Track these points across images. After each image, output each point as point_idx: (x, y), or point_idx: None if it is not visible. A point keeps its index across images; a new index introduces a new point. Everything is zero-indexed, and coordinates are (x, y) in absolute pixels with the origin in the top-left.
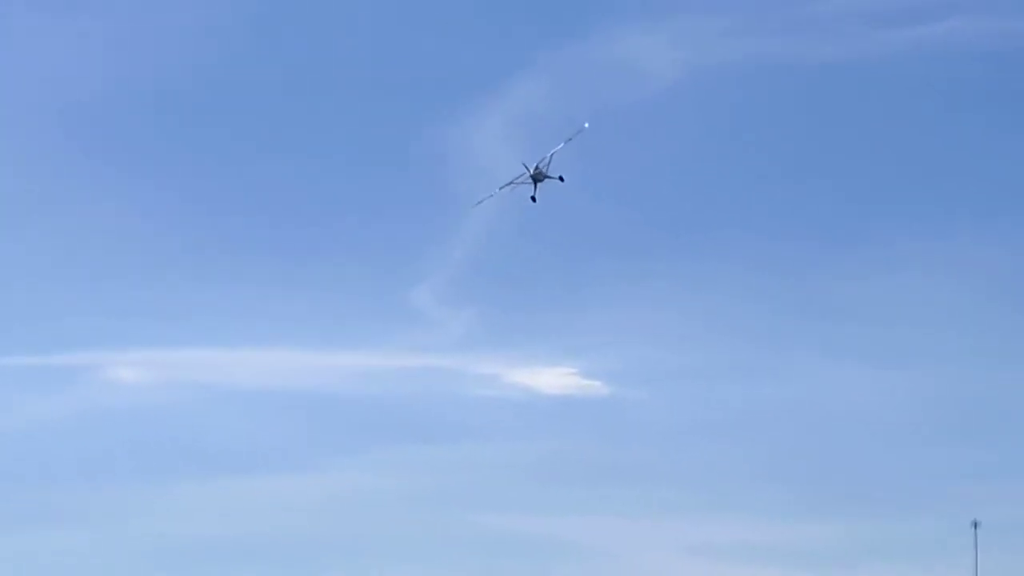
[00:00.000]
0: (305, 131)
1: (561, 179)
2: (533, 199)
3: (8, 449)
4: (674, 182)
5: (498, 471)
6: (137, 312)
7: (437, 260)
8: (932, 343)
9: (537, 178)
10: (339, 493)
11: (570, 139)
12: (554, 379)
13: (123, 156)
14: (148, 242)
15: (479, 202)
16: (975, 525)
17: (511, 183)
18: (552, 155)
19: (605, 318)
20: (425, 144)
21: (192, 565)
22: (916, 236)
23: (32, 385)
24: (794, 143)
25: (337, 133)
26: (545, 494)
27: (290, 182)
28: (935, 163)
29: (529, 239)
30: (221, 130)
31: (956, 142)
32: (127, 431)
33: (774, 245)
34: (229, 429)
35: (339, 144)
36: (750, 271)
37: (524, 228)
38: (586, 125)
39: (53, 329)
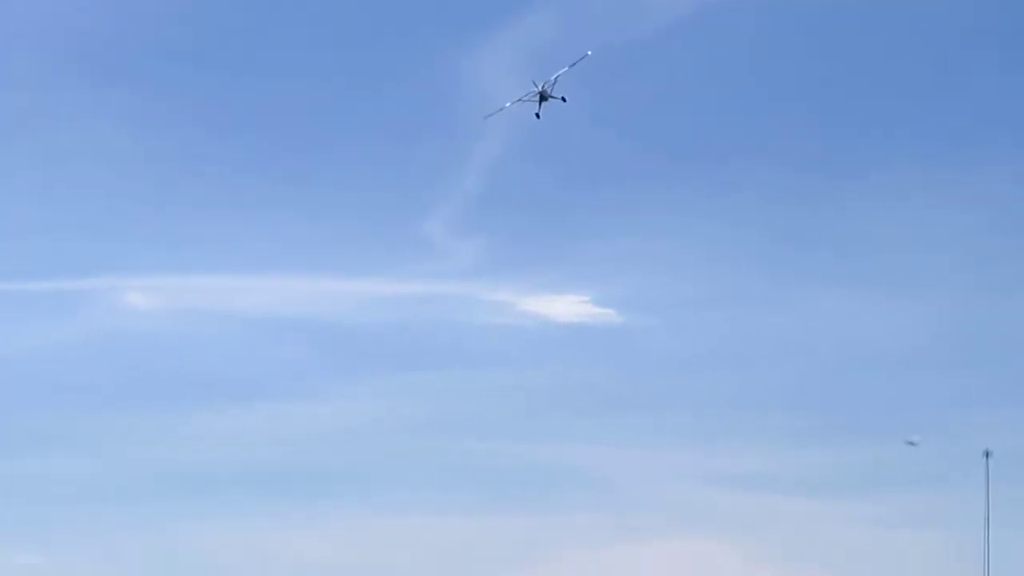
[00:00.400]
0: (318, 55)
1: (564, 99)
2: (537, 115)
3: (17, 374)
4: (683, 113)
5: (510, 399)
6: (148, 237)
7: (448, 188)
8: (940, 271)
9: (543, 96)
10: (348, 420)
11: (574, 64)
12: (566, 307)
13: (135, 78)
14: (160, 167)
15: (489, 115)
16: (987, 455)
17: (520, 99)
18: (556, 77)
19: (617, 247)
20: (436, 72)
21: (199, 491)
22: (922, 165)
23: (41, 310)
24: (800, 74)
25: (349, 58)
26: (556, 422)
27: (303, 108)
28: (941, 92)
29: (540, 168)
30: (233, 53)
31: (963, 71)
32: (136, 357)
33: (782, 175)
34: (238, 356)
35: (352, 69)
36: (760, 201)
37: (535, 157)
38: (589, 52)
39: (63, 254)
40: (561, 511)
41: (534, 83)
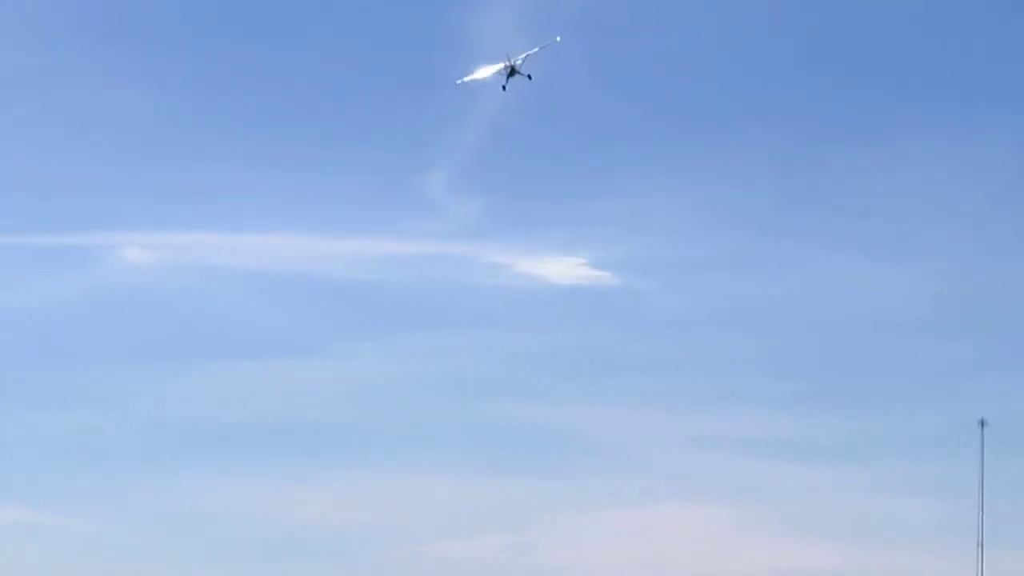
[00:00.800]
0: (318, 13)
1: (529, 77)
2: (504, 88)
3: (18, 328)
4: (689, 72)
5: (505, 360)
6: (148, 193)
7: (448, 147)
8: (941, 238)
9: (512, 71)
10: (345, 378)
11: (543, 46)
12: (564, 269)
13: (136, 33)
14: (162, 122)
15: (462, 80)
16: (982, 424)
17: (495, 72)
18: (527, 56)
19: (617, 208)
20: (437, 28)
21: (198, 448)
22: (926, 132)
23: (42, 264)
24: (808, 37)
25: (348, 13)
26: (553, 384)
27: (304, 65)
28: (947, 59)
29: (541, 128)
30: (232, 8)
31: (968, 37)
32: (138, 313)
33: (785, 138)
34: (238, 312)
35: (351, 25)
36: (761, 163)
37: (536, 117)
38: (558, 39)
39: (64, 208)
40: (556, 474)
41: (507, 56)
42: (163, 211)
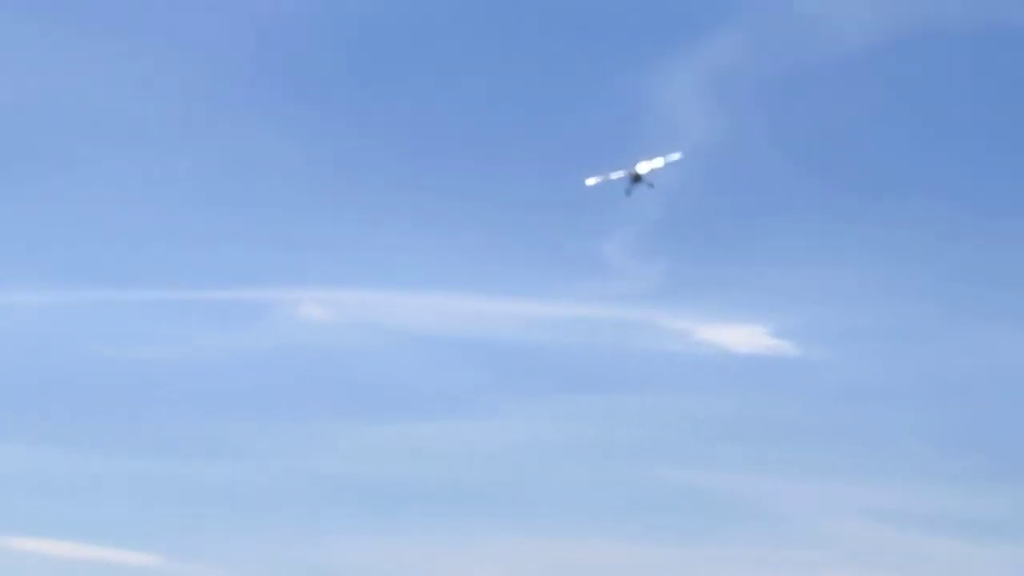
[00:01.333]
0: (494, 68)
1: (651, 186)
2: (627, 193)
3: (192, 380)
4: (866, 143)
5: (680, 425)
6: (325, 250)
7: (628, 211)
8: None
9: (636, 178)
10: (519, 441)
11: (668, 163)
12: (744, 337)
13: (309, 88)
14: (338, 180)
15: (593, 181)
16: None
17: (616, 175)
18: (652, 169)
19: (795, 277)
20: (617, 92)
21: (365, 506)
22: None
23: (220, 319)
24: (987, 110)
25: (528, 72)
26: (727, 451)
27: (490, 125)
28: None
29: (721, 194)
30: (403, 64)
31: None
32: (311, 370)
33: (959, 212)
34: (411, 372)
35: (537, 88)
36: (937, 237)
37: (715, 183)
38: (677, 155)
39: (242, 264)
40: (726, 542)
41: (634, 166)
42: (338, 268)
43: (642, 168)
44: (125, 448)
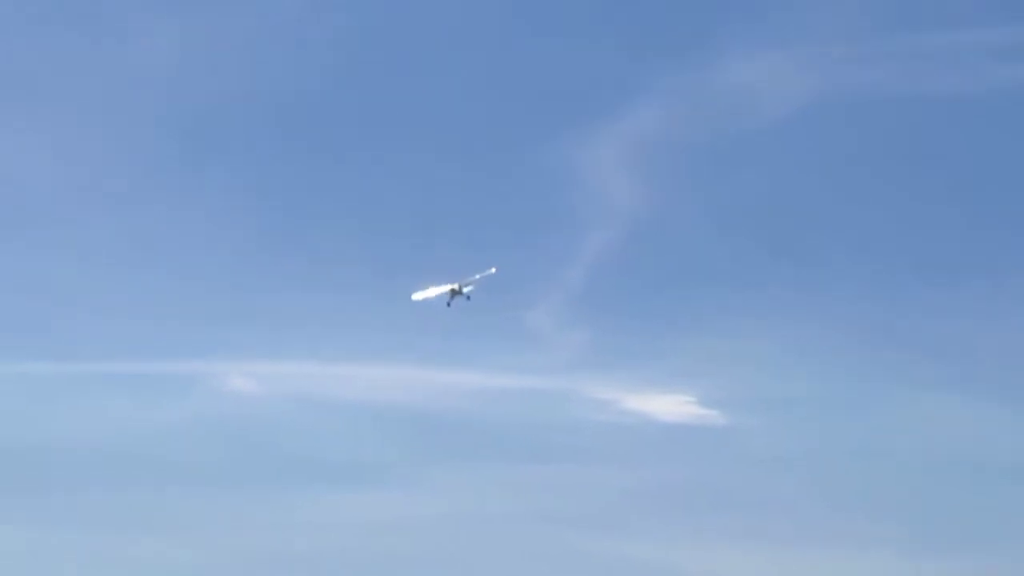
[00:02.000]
0: (423, 141)
1: (468, 298)
2: (448, 304)
3: (120, 454)
4: (786, 210)
5: (610, 495)
6: (252, 322)
7: (550, 282)
8: None
9: (456, 292)
10: (445, 510)
11: (482, 276)
12: (670, 405)
13: (236, 159)
14: (264, 250)
15: (417, 296)
16: None
17: (436, 292)
18: (470, 282)
19: (721, 345)
20: (538, 163)
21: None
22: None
23: (146, 392)
24: (908, 177)
25: (447, 144)
26: (657, 520)
27: (406, 193)
28: None
29: (643, 264)
30: (331, 136)
31: None
32: (238, 441)
33: (886, 279)
34: (339, 442)
35: (456, 158)
36: (861, 304)
37: (638, 253)
38: (494, 270)
39: (168, 336)
40: None
41: (458, 283)
42: (265, 340)
43: (461, 284)
44: (55, 521)
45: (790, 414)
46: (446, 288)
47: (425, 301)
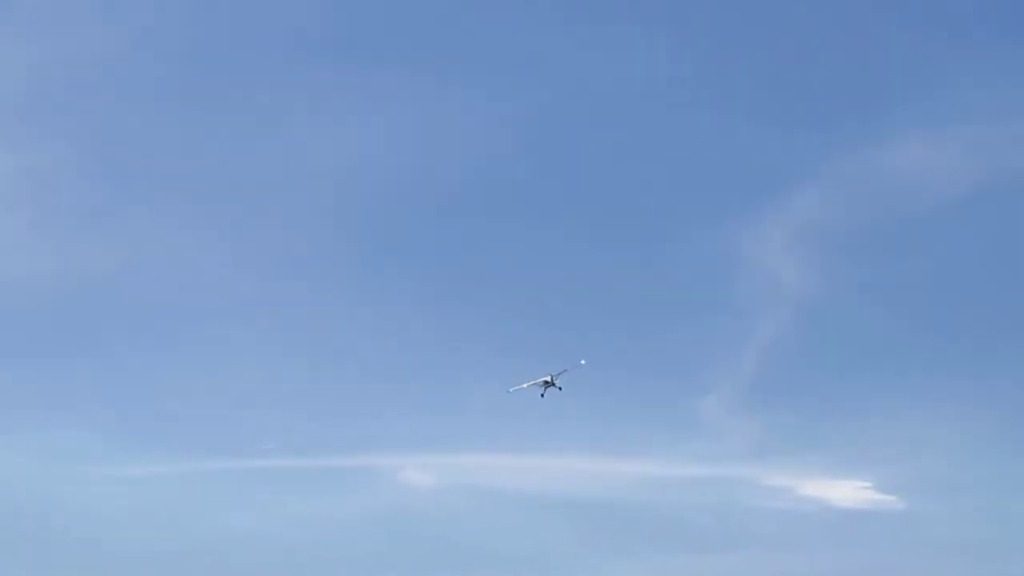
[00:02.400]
0: (585, 229)
1: (560, 388)
2: (542, 395)
3: (298, 548)
4: (955, 293)
5: None
6: (425, 415)
7: (724, 370)
8: None
9: (548, 384)
10: None
11: (575, 367)
12: (846, 491)
13: (406, 255)
14: (437, 343)
15: (513, 389)
16: None
17: (531, 383)
18: (561, 372)
19: (895, 430)
20: (705, 247)
21: None
22: None
23: (322, 486)
24: None
25: (615, 230)
26: None
27: (574, 283)
28: None
29: (814, 349)
30: (501, 225)
31: None
32: (411, 532)
33: None
34: (512, 533)
35: (618, 243)
36: None
37: (808, 338)
38: (583, 362)
39: (343, 431)
40: None
41: (550, 374)
42: (442, 433)
43: (553, 376)
44: None
45: (967, 499)
46: (540, 380)
47: (520, 391)
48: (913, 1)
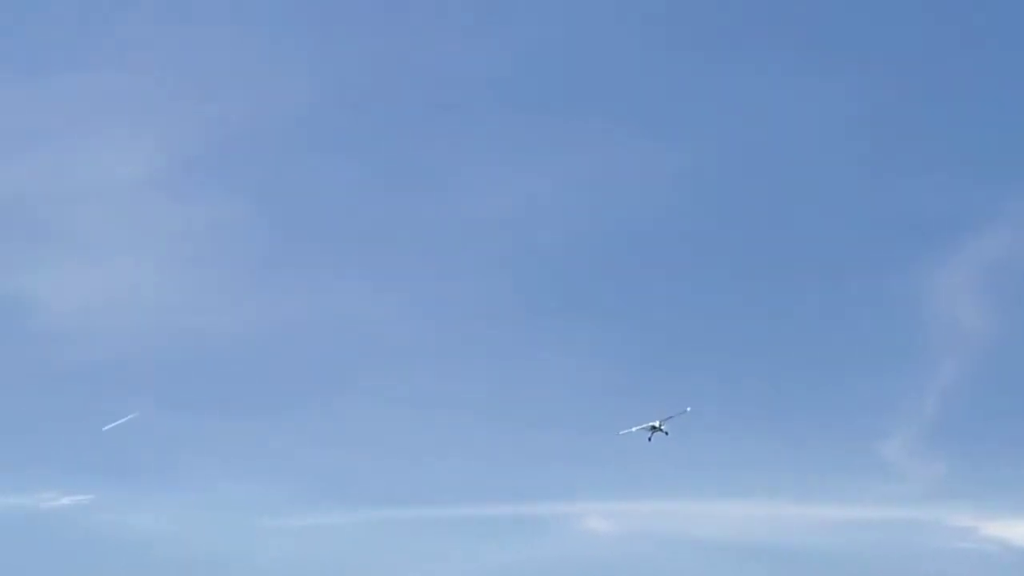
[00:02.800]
0: (769, 280)
1: (666, 433)
2: (649, 439)
3: None
4: None
5: None
6: (607, 462)
7: (906, 412)
8: None
9: (655, 428)
10: None
11: (680, 414)
12: None
13: (579, 304)
14: (621, 392)
15: (623, 432)
16: None
17: (637, 428)
18: (669, 418)
19: None
20: (887, 290)
21: None
22: None
23: (505, 534)
24: None
25: (799, 281)
26: None
27: (760, 334)
28: None
29: (996, 390)
30: (679, 274)
31: None
32: None
33: None
34: None
35: (803, 293)
36: None
37: (990, 379)
38: (688, 409)
39: (525, 479)
40: None
41: (658, 419)
42: (620, 479)
43: (661, 421)
44: None
45: None
46: (647, 425)
47: (630, 435)
48: None
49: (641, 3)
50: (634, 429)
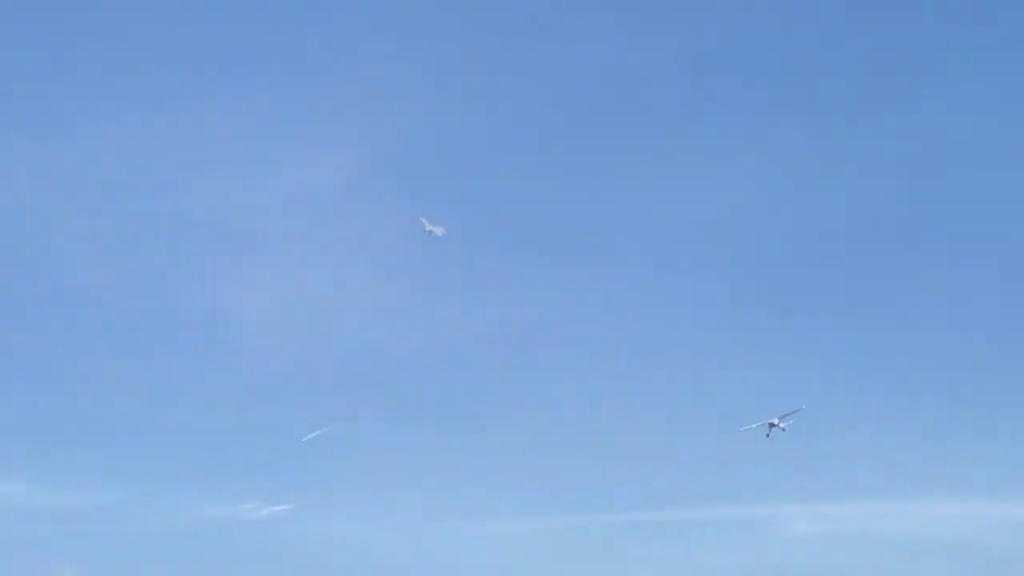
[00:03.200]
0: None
1: (783, 429)
2: (767, 435)
3: None
4: None
5: None
6: (816, 465)
7: None
8: None
9: (772, 425)
10: None
11: (794, 412)
12: None
13: (781, 300)
14: (827, 391)
15: (743, 428)
16: None
17: (757, 424)
18: (785, 416)
19: None
20: None
21: None
22: None
23: (712, 538)
24: None
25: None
26: None
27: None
28: None
29: None
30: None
31: None
32: None
33: None
34: None
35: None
36: None
37: None
38: (803, 407)
39: (733, 482)
40: None
41: (777, 417)
42: (832, 481)
43: (780, 419)
44: None
45: None
46: (766, 422)
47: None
48: None
49: None
50: (754, 426)
